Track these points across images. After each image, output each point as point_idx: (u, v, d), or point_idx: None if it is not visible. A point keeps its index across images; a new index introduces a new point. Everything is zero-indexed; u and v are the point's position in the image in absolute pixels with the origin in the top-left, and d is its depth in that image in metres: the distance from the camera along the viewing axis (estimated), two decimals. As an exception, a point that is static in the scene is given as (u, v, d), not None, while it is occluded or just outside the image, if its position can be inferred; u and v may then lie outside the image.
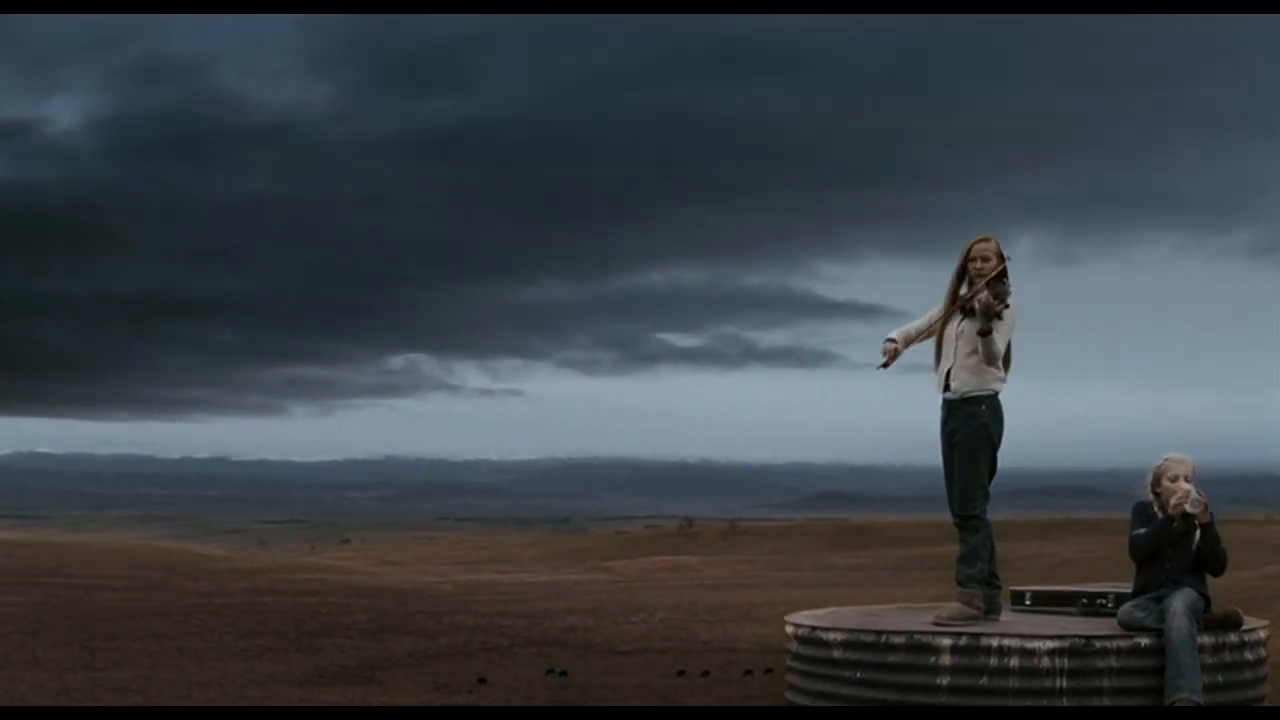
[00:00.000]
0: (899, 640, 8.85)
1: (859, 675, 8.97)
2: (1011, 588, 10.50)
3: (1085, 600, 10.50)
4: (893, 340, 9.99)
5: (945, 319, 9.85)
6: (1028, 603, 10.97)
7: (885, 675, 8.85)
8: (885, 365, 9.95)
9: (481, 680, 13.52)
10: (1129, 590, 9.58)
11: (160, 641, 17.70)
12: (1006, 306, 9.48)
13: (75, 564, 39.45)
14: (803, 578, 37.28)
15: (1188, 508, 9.02)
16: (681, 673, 14.06)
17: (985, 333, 9.45)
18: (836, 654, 9.13)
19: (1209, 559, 9.15)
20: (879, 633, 8.96)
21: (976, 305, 9.44)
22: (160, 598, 27.20)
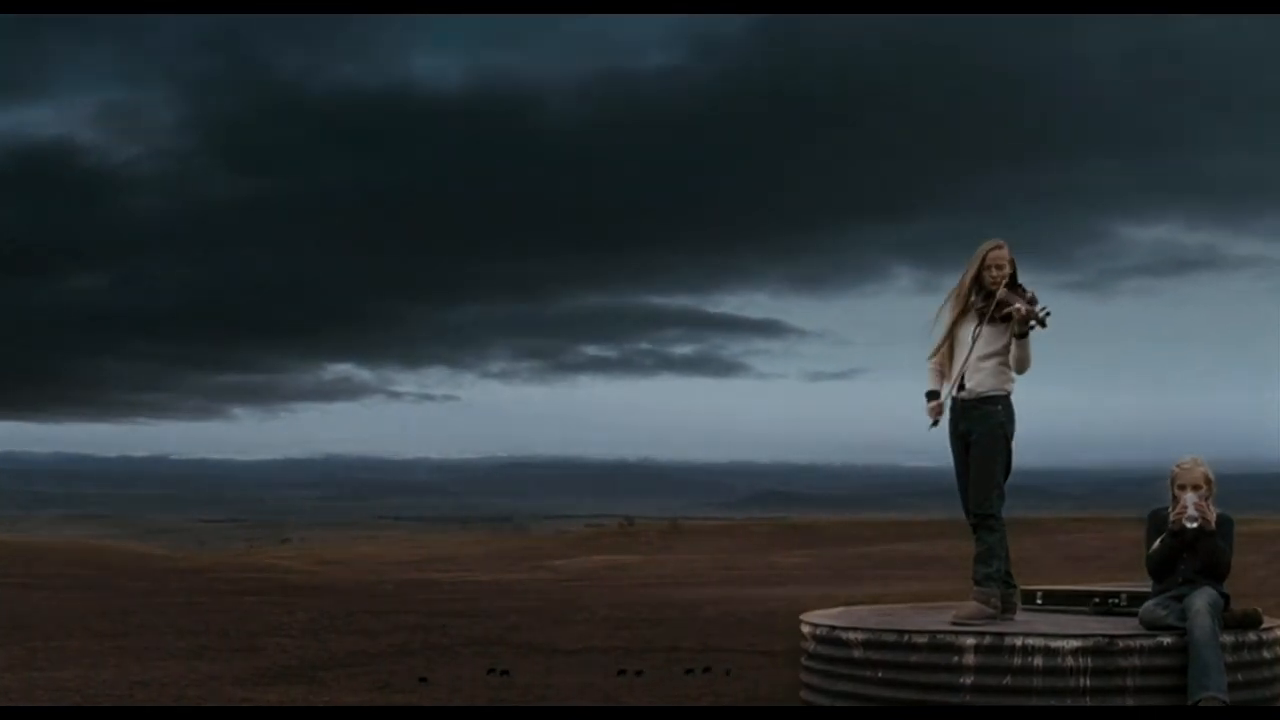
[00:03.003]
0: (922, 640, 8.82)
1: (880, 675, 8.93)
2: (1022, 587, 10.50)
3: (1098, 599, 10.50)
4: (935, 396, 9.99)
5: (956, 320, 9.87)
6: (1039, 602, 10.97)
7: (908, 675, 8.81)
8: (934, 424, 9.98)
9: (423, 680, 13.50)
10: (1141, 590, 9.62)
11: (99, 641, 17.60)
12: (1048, 314, 9.49)
13: (11, 563, 39.17)
14: (745, 576, 37.36)
15: (1185, 523, 9.09)
16: (622, 671, 14.08)
17: (1023, 335, 9.51)
18: (857, 654, 9.08)
19: (1210, 567, 9.18)
20: (901, 632, 8.92)
21: (1016, 314, 9.45)
22: (99, 597, 27.04)
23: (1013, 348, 9.60)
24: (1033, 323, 9.44)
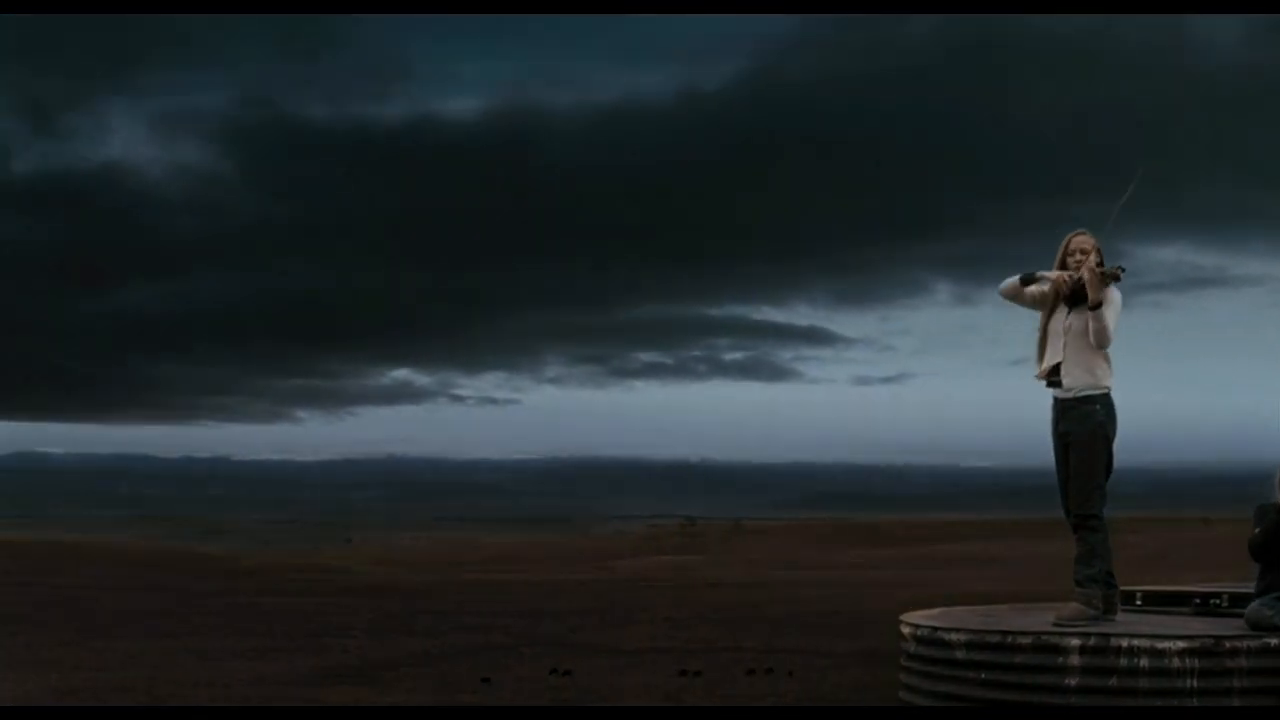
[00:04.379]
0: (1026, 641, 8.73)
1: (984, 676, 8.85)
2: (1121, 588, 10.39)
3: (1199, 600, 10.41)
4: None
5: (1050, 313, 9.73)
6: (1138, 602, 10.86)
7: (1011, 676, 8.72)
8: (1026, 285, 9.79)
9: (486, 680, 13.52)
10: (1243, 590, 9.53)
11: (163, 641, 17.71)
12: (1123, 269, 9.37)
13: (78, 564, 39.45)
14: (806, 576, 37.27)
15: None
16: (683, 672, 14.06)
17: (1096, 305, 9.34)
18: (960, 655, 9.01)
19: None
20: (1005, 633, 8.84)
21: (1085, 276, 9.34)
22: (162, 597, 27.20)
23: (1089, 320, 9.46)
24: (1108, 280, 9.31)
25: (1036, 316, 9.86)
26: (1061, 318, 9.62)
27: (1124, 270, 9.39)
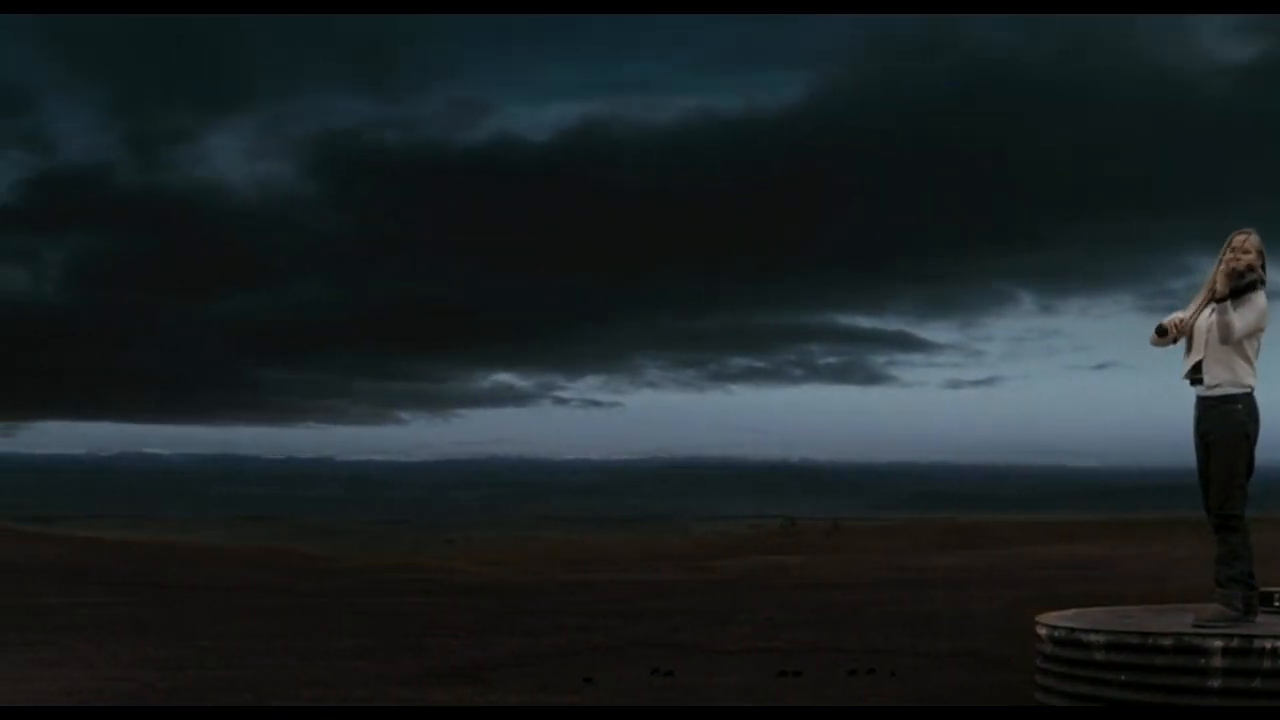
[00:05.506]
0: (1167, 642, 8.63)
1: (1124, 678, 8.76)
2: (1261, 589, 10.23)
3: None
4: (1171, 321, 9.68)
5: (1197, 312, 9.60)
6: (1276, 604, 10.73)
7: (1152, 678, 8.62)
8: (1162, 337, 9.65)
9: (587, 680, 13.54)
10: None
11: (267, 641, 17.86)
12: (1253, 273, 9.23)
13: (182, 564, 39.87)
14: (907, 577, 37.08)
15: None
16: (783, 673, 14.02)
17: (1223, 298, 9.20)
18: (1099, 656, 8.92)
19: None
20: (1145, 634, 8.75)
21: (1221, 269, 9.24)
22: (265, 598, 27.43)
23: (1216, 313, 9.28)
24: (1242, 278, 9.18)
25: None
26: (1205, 316, 9.48)
27: (1262, 279, 9.26)
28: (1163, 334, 9.64)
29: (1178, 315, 9.63)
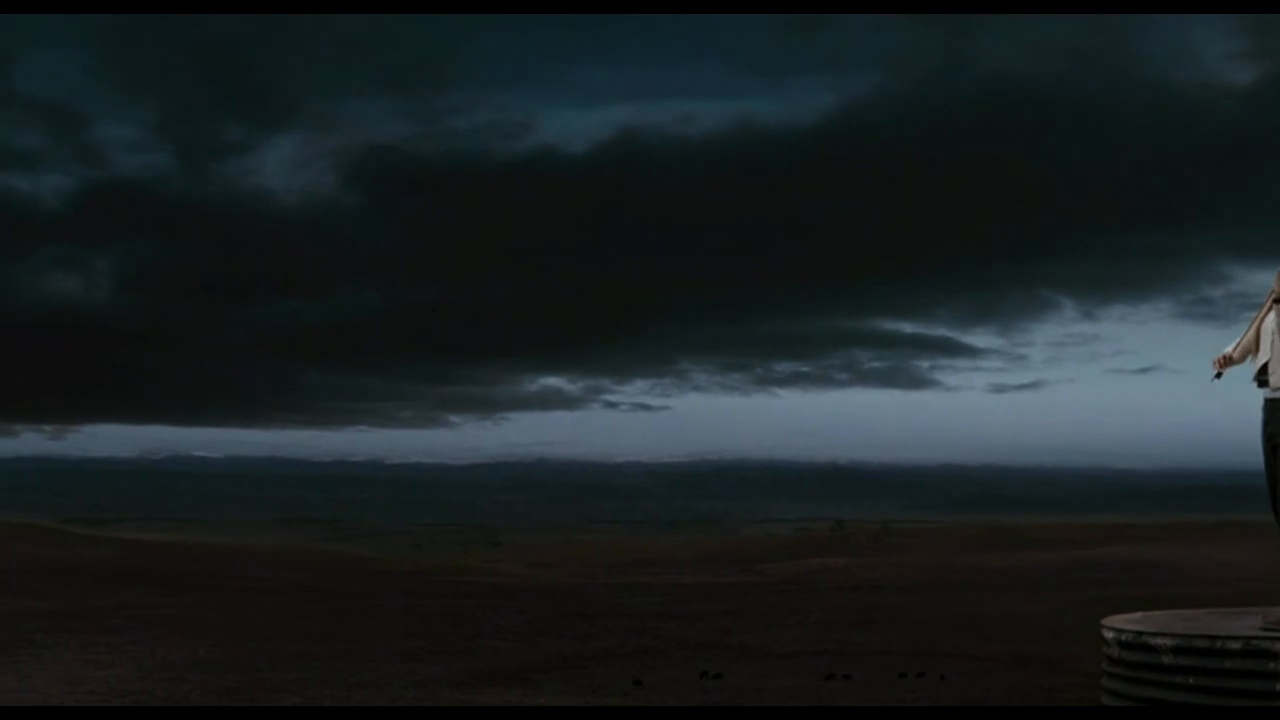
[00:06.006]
0: (1235, 646, 8.59)
1: (1191, 681, 8.72)
2: None
3: None
4: (1228, 362, 9.69)
5: (1264, 314, 9.54)
6: None
7: (1220, 681, 8.58)
8: (1218, 376, 9.67)
9: (637, 683, 13.53)
10: None
11: (317, 643, 17.92)
12: None
13: (233, 566, 40.05)
14: (957, 579, 36.96)
15: None
16: (832, 675, 13.99)
17: None
18: (1166, 660, 8.89)
19: None
20: (1214, 638, 8.71)
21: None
22: (316, 599, 27.54)
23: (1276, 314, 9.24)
24: None
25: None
26: (1273, 317, 9.42)
27: None
28: (1217, 373, 9.67)
29: (1221, 354, 9.65)
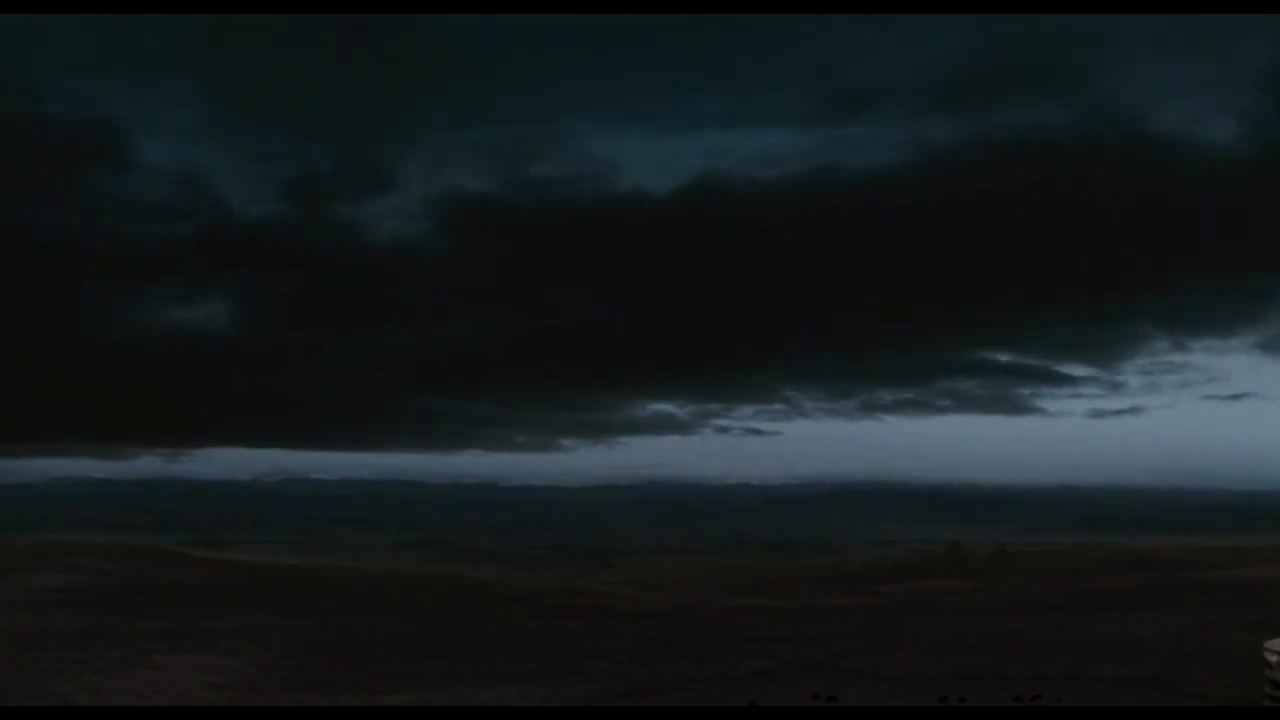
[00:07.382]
0: None
1: None
2: None
3: None
4: None
5: None
6: None
7: None
8: None
9: (750, 705, 13.52)
10: None
11: (432, 664, 18.03)
12: None
13: (349, 588, 40.36)
14: (1073, 601, 36.61)
15: None
16: (945, 698, 13.93)
17: None
18: None
19: None
20: None
21: None
22: (430, 621, 27.70)
23: None
24: None
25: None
26: None
27: None
28: None
29: None
